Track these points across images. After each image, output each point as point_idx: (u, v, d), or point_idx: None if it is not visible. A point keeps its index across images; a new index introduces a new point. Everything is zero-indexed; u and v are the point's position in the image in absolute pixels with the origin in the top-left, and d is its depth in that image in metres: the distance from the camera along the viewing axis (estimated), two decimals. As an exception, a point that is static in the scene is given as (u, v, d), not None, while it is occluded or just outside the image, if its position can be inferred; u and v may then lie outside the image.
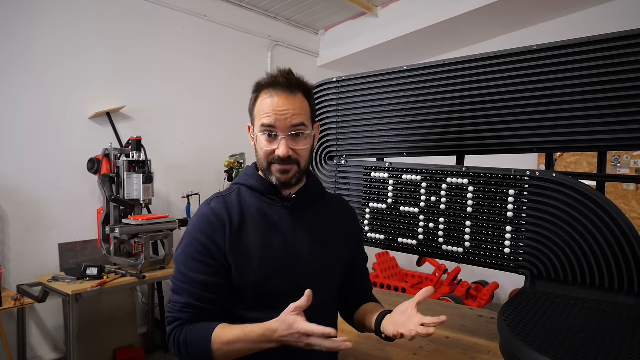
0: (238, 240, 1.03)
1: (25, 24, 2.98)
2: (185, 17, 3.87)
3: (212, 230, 1.02)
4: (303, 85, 1.08)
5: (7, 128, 2.91)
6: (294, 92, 1.05)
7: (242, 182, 1.13)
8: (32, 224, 3.01)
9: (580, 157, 4.20)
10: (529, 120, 1.30)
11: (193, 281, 1.00)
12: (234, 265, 1.02)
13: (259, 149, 1.08)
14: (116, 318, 3.28)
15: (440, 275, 4.22)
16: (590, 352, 0.82)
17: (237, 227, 1.04)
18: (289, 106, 1.03)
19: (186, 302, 1.00)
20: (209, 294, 1.00)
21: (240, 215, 1.06)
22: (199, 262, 1.01)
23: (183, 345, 0.97)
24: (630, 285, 1.12)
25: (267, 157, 1.06)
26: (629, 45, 1.13)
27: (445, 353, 1.37)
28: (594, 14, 4.01)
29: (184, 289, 1.01)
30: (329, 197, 1.25)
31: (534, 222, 1.26)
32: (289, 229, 1.08)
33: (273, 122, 1.03)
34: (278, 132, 1.03)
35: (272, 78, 1.06)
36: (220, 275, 1.02)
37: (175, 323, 1.00)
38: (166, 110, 3.77)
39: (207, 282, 1.00)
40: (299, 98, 1.06)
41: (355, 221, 1.28)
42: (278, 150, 1.03)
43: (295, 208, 1.11)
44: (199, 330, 0.97)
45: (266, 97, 1.05)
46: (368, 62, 4.97)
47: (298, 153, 1.06)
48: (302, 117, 1.05)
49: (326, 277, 1.13)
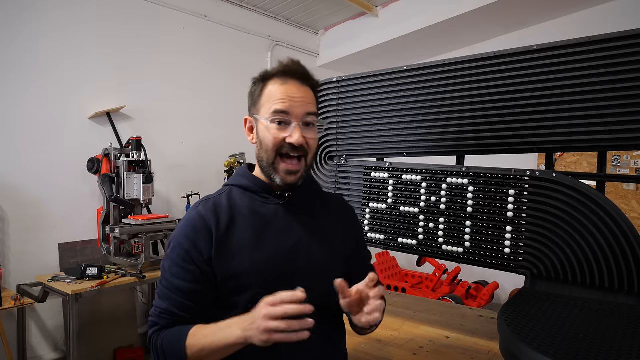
0: (226, 243, 0.99)
1: (25, 24, 2.99)
2: (185, 17, 3.87)
3: (196, 235, 0.98)
4: (313, 79, 1.06)
5: (7, 128, 2.91)
6: (304, 83, 1.03)
7: (233, 183, 1.09)
8: (32, 224, 3.01)
9: (580, 157, 4.20)
10: (529, 120, 1.29)
11: (174, 287, 0.98)
12: (221, 270, 0.98)
13: (266, 139, 1.00)
14: (116, 318, 3.28)
15: (440, 275, 4.22)
16: (590, 352, 0.82)
17: (225, 230, 1.00)
18: (303, 94, 1.01)
19: (165, 308, 0.98)
20: (189, 302, 0.97)
21: (230, 217, 1.02)
22: (181, 267, 0.98)
23: (160, 351, 0.96)
24: (631, 285, 1.12)
25: (276, 146, 0.99)
26: (629, 45, 1.13)
27: (445, 353, 1.37)
28: (594, 14, 4.01)
29: (166, 295, 0.99)
30: (327, 195, 1.21)
31: (534, 222, 1.26)
32: (283, 227, 1.03)
33: (287, 108, 0.98)
34: (292, 119, 0.98)
35: (285, 66, 1.02)
36: (201, 283, 0.97)
37: (154, 328, 0.99)
38: (166, 110, 3.77)
39: (187, 289, 0.97)
40: (309, 89, 1.04)
41: (354, 219, 1.22)
42: (291, 138, 0.97)
43: (291, 205, 1.06)
44: (173, 334, 0.95)
45: (277, 84, 1.01)
46: (368, 62, 4.97)
47: (309, 144, 1.01)
48: (314, 107, 1.03)
49: (325, 277, 1.03)
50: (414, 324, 1.61)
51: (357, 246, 1.19)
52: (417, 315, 1.69)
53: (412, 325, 1.59)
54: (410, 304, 1.83)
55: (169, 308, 0.97)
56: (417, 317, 1.67)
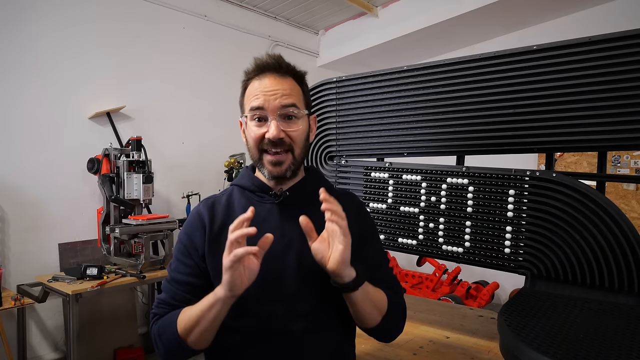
0: (218, 241, 0.99)
1: (26, 24, 2.99)
2: (185, 17, 3.87)
3: (193, 231, 1.03)
4: (292, 69, 1.03)
5: (7, 128, 2.91)
6: (283, 74, 1.00)
7: (235, 183, 1.11)
8: (32, 224, 3.01)
9: (580, 157, 4.20)
10: (529, 120, 1.29)
11: (174, 280, 1.01)
12: (212, 268, 0.99)
13: (249, 136, 1.01)
14: (116, 318, 3.28)
15: (440, 275, 4.22)
16: (590, 352, 0.82)
17: (219, 228, 1.01)
18: (278, 86, 0.98)
19: (164, 299, 1.01)
20: (186, 294, 1.00)
21: (225, 216, 1.02)
22: (180, 262, 1.02)
23: (157, 335, 0.99)
24: (631, 285, 1.12)
25: (257, 144, 0.99)
26: (629, 45, 1.13)
27: (445, 353, 1.37)
28: (594, 14, 4.01)
29: (167, 287, 1.02)
30: (334, 192, 1.09)
31: (534, 222, 1.26)
32: (276, 226, 1.00)
33: (262, 103, 0.97)
34: (267, 114, 0.97)
35: (260, 62, 1.01)
36: (197, 277, 1.00)
37: (154, 318, 1.02)
38: (166, 110, 3.77)
39: (185, 281, 1.00)
40: (289, 81, 1.01)
41: (361, 216, 1.11)
42: (268, 133, 0.96)
43: (287, 204, 1.03)
44: (167, 317, 0.98)
45: (255, 81, 1.01)
46: (368, 62, 4.97)
47: (291, 137, 0.98)
48: (293, 98, 0.99)
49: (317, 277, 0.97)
50: (414, 324, 1.61)
51: (362, 248, 1.07)
52: (417, 315, 1.69)
53: (412, 325, 1.59)
54: (410, 304, 1.82)
55: (167, 299, 1.01)
56: (417, 317, 1.67)
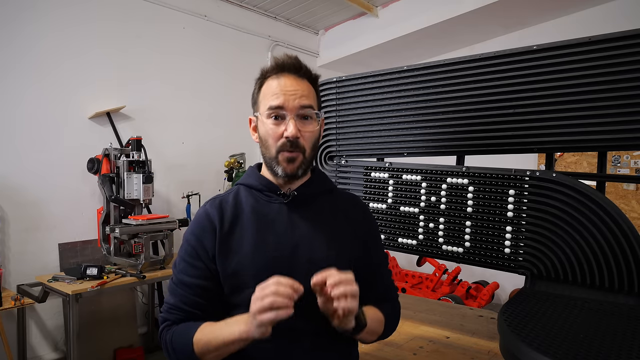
0: (228, 241, 1.00)
1: (26, 24, 2.99)
2: (185, 17, 3.87)
3: (202, 232, 1.01)
4: (310, 72, 1.05)
5: (7, 128, 2.91)
6: (301, 76, 1.03)
7: (241, 182, 1.10)
8: (32, 224, 3.01)
9: (580, 157, 4.20)
10: (529, 120, 1.29)
11: (182, 283, 1.00)
12: (222, 268, 0.99)
13: (266, 135, 1.01)
14: (116, 318, 3.28)
15: (440, 275, 4.22)
16: (590, 352, 0.82)
17: (229, 228, 1.01)
18: (298, 87, 1.00)
19: (174, 303, 1.00)
20: (197, 298, 0.99)
21: (234, 216, 1.02)
22: (188, 264, 1.01)
23: (170, 345, 0.97)
24: (630, 285, 1.12)
25: (276, 141, 1.00)
26: (629, 45, 1.13)
27: (445, 353, 1.37)
28: (594, 14, 4.01)
29: (175, 291, 1.01)
30: (339, 194, 1.16)
31: (534, 222, 1.26)
32: (286, 226, 1.02)
33: (282, 102, 0.98)
34: (286, 113, 0.99)
35: (279, 61, 1.03)
36: (208, 279, 0.99)
37: (165, 323, 1.00)
38: (166, 110, 3.77)
39: (194, 284, 0.99)
40: (306, 82, 1.03)
41: (366, 220, 1.14)
42: (286, 131, 0.98)
43: (295, 204, 1.04)
44: (182, 329, 0.97)
45: (273, 80, 1.02)
46: (368, 62, 4.97)
47: (305, 138, 1.00)
48: (311, 99, 1.02)
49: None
50: (414, 324, 1.61)
51: (367, 249, 1.12)
52: (417, 315, 1.69)
53: (412, 325, 1.59)
54: (410, 304, 1.83)
55: (177, 304, 1.00)
56: (417, 317, 1.67)
